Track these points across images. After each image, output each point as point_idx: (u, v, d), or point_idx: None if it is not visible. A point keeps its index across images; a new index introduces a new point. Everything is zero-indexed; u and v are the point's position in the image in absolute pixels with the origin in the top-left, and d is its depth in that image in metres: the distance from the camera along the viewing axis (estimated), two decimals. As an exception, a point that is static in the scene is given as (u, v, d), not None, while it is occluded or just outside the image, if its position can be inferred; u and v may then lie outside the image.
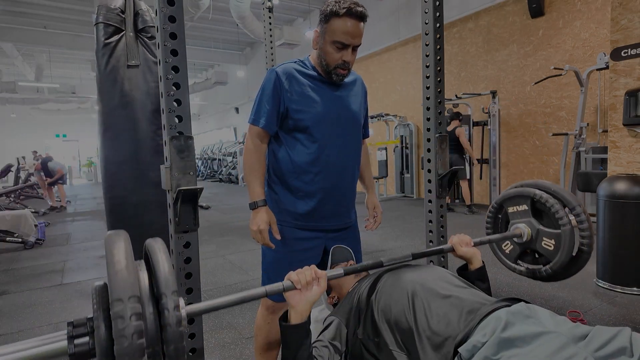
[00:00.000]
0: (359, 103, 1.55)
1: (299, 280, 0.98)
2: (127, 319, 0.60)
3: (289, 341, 0.99)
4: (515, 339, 0.86)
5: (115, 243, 0.69)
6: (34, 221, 5.00)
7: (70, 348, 0.69)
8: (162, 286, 0.68)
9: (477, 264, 1.28)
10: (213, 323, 2.50)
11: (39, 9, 10.02)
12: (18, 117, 20.21)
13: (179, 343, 0.66)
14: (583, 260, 1.34)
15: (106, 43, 1.82)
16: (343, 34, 1.31)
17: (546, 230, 1.35)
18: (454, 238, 1.31)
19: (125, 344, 0.60)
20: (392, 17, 8.60)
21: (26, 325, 2.58)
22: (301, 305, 0.98)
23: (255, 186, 1.41)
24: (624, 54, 3.08)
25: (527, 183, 1.43)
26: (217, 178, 15.92)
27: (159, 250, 0.74)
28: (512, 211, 1.45)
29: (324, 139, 1.42)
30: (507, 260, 1.48)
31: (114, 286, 0.63)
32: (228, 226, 5.96)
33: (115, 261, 0.66)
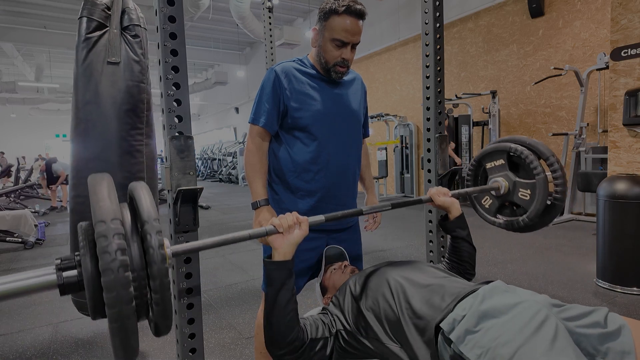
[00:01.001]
0: (359, 101, 1.55)
1: (281, 224, 1.02)
2: (110, 237, 0.62)
3: (272, 278, 1.04)
4: (493, 309, 0.90)
5: (99, 181, 0.72)
6: (34, 221, 5.00)
7: (59, 279, 0.71)
8: (145, 215, 0.70)
9: (456, 213, 1.35)
10: (213, 323, 2.50)
11: (39, 9, 10.02)
12: (18, 117, 20.21)
13: (164, 278, 0.68)
14: (557, 208, 1.39)
15: (87, 37, 1.79)
16: (342, 32, 1.32)
17: (522, 181, 1.42)
18: (432, 189, 1.37)
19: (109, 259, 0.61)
20: (392, 17, 8.60)
21: (26, 325, 2.58)
22: (284, 247, 1.03)
23: (257, 186, 1.41)
24: (624, 54, 3.08)
25: (503, 139, 1.49)
26: (217, 178, 15.92)
27: (141, 188, 0.76)
28: (490, 166, 1.51)
29: (323, 137, 1.43)
30: (486, 214, 1.54)
31: (97, 211, 0.65)
32: (228, 226, 5.96)
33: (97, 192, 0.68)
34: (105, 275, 0.61)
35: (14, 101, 15.98)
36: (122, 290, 0.61)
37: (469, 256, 1.33)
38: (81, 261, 0.68)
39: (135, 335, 0.65)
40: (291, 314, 1.03)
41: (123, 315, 0.62)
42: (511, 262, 3.54)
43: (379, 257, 3.92)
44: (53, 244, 5.00)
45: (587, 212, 5.27)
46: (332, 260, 1.43)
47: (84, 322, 2.60)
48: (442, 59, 1.74)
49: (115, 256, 0.61)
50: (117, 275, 0.61)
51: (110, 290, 0.61)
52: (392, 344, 1.04)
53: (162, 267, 0.68)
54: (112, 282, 0.61)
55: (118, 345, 0.64)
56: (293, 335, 1.02)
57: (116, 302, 0.61)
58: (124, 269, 0.62)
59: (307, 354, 1.06)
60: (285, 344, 1.02)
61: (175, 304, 1.22)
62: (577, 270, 3.24)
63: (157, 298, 0.68)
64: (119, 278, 0.61)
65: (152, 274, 0.67)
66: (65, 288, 0.71)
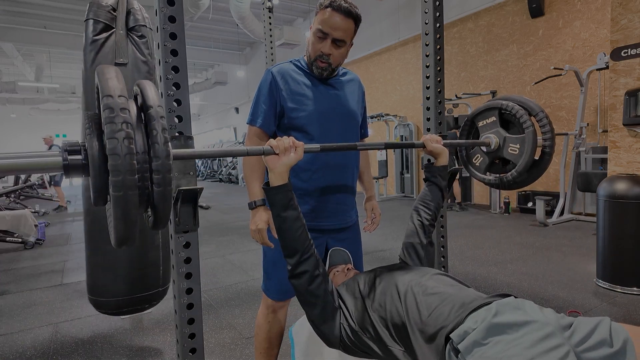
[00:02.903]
0: (356, 102, 1.55)
1: (278, 146, 1.07)
2: (117, 109, 0.63)
3: (276, 202, 1.10)
4: (504, 325, 0.90)
5: (108, 67, 0.72)
6: (34, 221, 5.00)
7: (63, 159, 0.72)
8: (150, 101, 0.71)
9: (443, 162, 1.41)
10: (213, 323, 2.50)
11: (39, 9, 10.01)
12: (18, 117, 20.20)
13: (167, 173, 0.70)
14: (545, 162, 1.44)
15: (94, 40, 1.80)
16: (323, 23, 1.34)
17: (512, 136, 1.47)
18: (426, 135, 1.43)
19: (115, 128, 0.62)
20: (392, 17, 8.60)
21: (26, 325, 2.58)
22: (279, 167, 1.08)
23: (254, 186, 1.42)
24: (624, 54, 3.08)
25: (496, 97, 1.54)
26: (217, 178, 15.92)
27: (147, 82, 0.77)
28: (482, 124, 1.56)
29: (320, 137, 1.43)
30: (477, 172, 1.59)
31: (104, 87, 0.66)
32: (228, 226, 5.96)
33: (106, 74, 0.69)
34: (112, 159, 0.62)
35: (14, 101, 15.97)
36: (128, 175, 0.63)
37: (436, 204, 1.39)
38: (86, 144, 0.69)
39: (136, 221, 0.67)
40: (301, 229, 1.10)
41: (127, 199, 0.63)
42: (511, 262, 3.54)
43: (379, 257, 3.92)
44: (53, 244, 5.00)
45: (587, 212, 5.27)
46: (335, 262, 1.43)
47: (84, 322, 2.60)
48: (442, 59, 1.74)
49: (122, 143, 0.62)
50: (124, 160, 0.63)
51: (117, 174, 0.62)
52: (396, 347, 1.03)
53: (166, 162, 0.70)
54: (119, 165, 0.62)
55: (120, 228, 0.65)
56: (306, 246, 1.10)
57: (122, 185, 0.63)
58: (130, 156, 0.63)
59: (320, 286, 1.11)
60: (299, 254, 1.10)
61: (175, 304, 1.22)
62: (577, 270, 3.24)
63: (158, 191, 0.70)
64: (126, 162, 0.63)
65: (157, 168, 0.69)
66: (70, 169, 0.72)
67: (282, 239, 1.11)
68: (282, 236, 1.11)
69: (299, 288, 1.12)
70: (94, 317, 2.65)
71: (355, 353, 1.13)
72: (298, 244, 1.10)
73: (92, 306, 2.05)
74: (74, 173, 0.73)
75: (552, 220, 5.06)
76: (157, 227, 0.76)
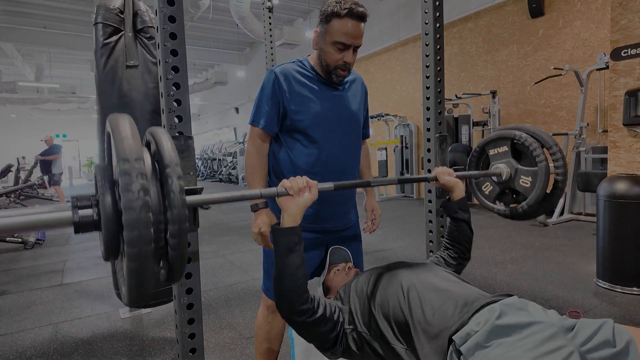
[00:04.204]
0: (359, 103, 1.55)
1: (292, 187, 1.04)
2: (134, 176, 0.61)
3: (281, 244, 1.04)
4: (507, 326, 0.90)
5: (120, 120, 0.70)
6: (34, 221, 5.00)
7: (75, 217, 0.69)
8: (166, 159, 0.69)
9: (460, 195, 1.36)
10: (213, 323, 2.50)
11: (39, 9, 10.01)
12: (18, 117, 20.18)
13: (182, 209, 0.68)
14: (556, 197, 1.41)
15: (105, 43, 1.81)
16: (344, 35, 1.30)
17: (524, 168, 1.44)
18: (438, 169, 1.38)
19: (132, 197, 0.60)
20: (392, 17, 8.60)
21: (26, 325, 2.58)
22: (293, 209, 1.04)
23: (257, 186, 1.42)
24: (624, 54, 3.08)
25: (508, 126, 1.51)
26: (217, 178, 15.92)
27: (162, 133, 0.75)
28: (493, 153, 1.53)
29: (323, 140, 1.43)
30: (486, 200, 1.56)
31: (120, 149, 0.63)
32: (228, 226, 5.96)
33: (121, 131, 0.66)
34: (127, 214, 0.60)
35: (14, 101, 15.96)
36: (144, 229, 0.61)
37: (467, 239, 1.34)
38: (99, 200, 0.67)
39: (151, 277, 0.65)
40: (301, 279, 1.04)
41: (143, 255, 0.61)
42: (511, 262, 3.54)
43: (379, 257, 3.92)
44: (53, 244, 5.00)
45: (587, 212, 5.27)
46: (336, 261, 1.43)
47: (84, 322, 2.60)
48: (442, 59, 1.74)
49: (138, 195, 0.60)
50: (140, 214, 0.60)
51: (132, 229, 0.60)
52: (399, 345, 1.03)
53: (182, 211, 0.68)
54: (134, 220, 0.60)
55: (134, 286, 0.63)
56: (302, 301, 1.03)
57: (137, 241, 0.60)
58: (146, 209, 0.61)
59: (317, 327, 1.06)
60: (296, 311, 1.02)
61: (175, 304, 1.22)
62: (577, 270, 3.24)
63: (174, 243, 0.68)
64: (141, 217, 0.60)
65: (172, 219, 0.67)
66: (81, 226, 0.70)
67: (278, 284, 1.04)
68: (279, 281, 1.03)
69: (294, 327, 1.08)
70: (94, 317, 2.65)
71: (359, 357, 1.13)
72: (294, 295, 1.02)
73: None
74: (84, 229, 0.70)
75: (552, 220, 5.06)
76: (172, 280, 0.74)
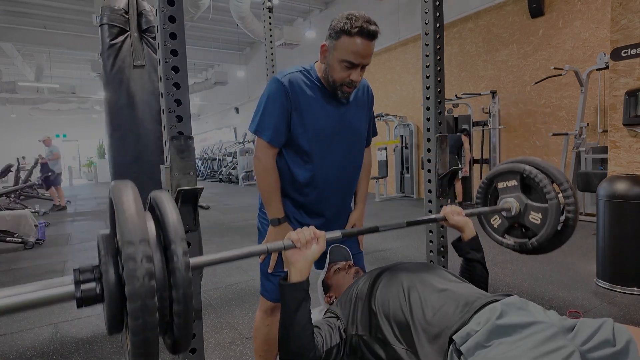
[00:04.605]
0: (364, 114, 1.52)
1: (299, 239, 1.00)
2: (139, 261, 0.60)
3: (288, 300, 1.02)
4: (507, 326, 0.90)
5: (124, 191, 0.69)
6: (34, 221, 5.00)
7: (77, 292, 0.68)
8: (171, 233, 0.69)
9: (470, 234, 1.33)
10: (213, 323, 2.50)
11: (39, 9, 10.01)
12: (18, 117, 20.18)
13: (187, 288, 0.67)
14: (567, 234, 1.38)
15: (111, 44, 1.82)
16: (353, 54, 1.26)
17: (534, 204, 1.40)
18: (447, 208, 1.34)
19: (137, 284, 0.59)
20: (392, 17, 8.60)
21: (26, 325, 2.58)
22: (301, 263, 1.01)
23: (273, 202, 1.41)
24: (624, 54, 3.08)
25: (517, 159, 1.48)
26: (217, 178, 15.92)
27: (167, 200, 0.74)
28: (502, 187, 1.49)
29: (322, 157, 1.41)
30: (495, 234, 1.52)
31: (125, 230, 0.62)
32: (228, 226, 5.96)
33: (125, 208, 0.65)
34: (132, 301, 0.59)
35: (14, 101, 15.96)
36: (149, 317, 0.60)
37: (482, 279, 1.30)
38: (102, 277, 0.66)
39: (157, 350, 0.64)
40: (309, 336, 1.02)
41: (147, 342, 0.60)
42: (511, 262, 3.54)
43: (379, 257, 3.92)
44: (53, 244, 5.00)
45: (587, 212, 5.27)
46: (335, 259, 1.43)
47: (84, 322, 2.60)
48: (442, 59, 1.74)
49: (143, 282, 0.59)
50: (145, 302, 0.60)
51: (137, 318, 0.59)
52: (399, 346, 1.03)
53: (188, 291, 0.67)
54: (139, 309, 0.59)
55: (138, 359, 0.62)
56: (310, 355, 1.01)
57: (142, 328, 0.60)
58: (151, 294, 0.60)
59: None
60: None
61: (176, 304, 1.22)
62: (577, 270, 3.24)
63: (179, 322, 0.67)
64: (147, 305, 0.60)
65: (177, 298, 0.67)
66: (84, 301, 0.69)
67: (285, 344, 1.00)
68: (286, 341, 1.00)
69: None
70: (94, 317, 2.65)
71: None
72: (301, 353, 1.00)
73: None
74: (87, 304, 0.69)
75: (552, 220, 5.05)
76: (177, 351, 0.72)
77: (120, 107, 1.83)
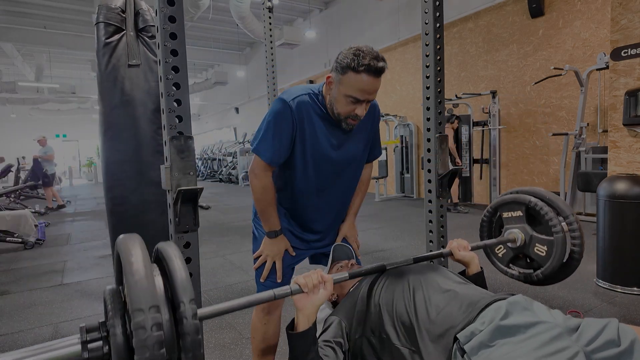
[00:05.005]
0: (366, 135, 1.51)
1: (306, 284, 0.99)
2: (149, 329, 0.59)
3: (296, 349, 1.00)
4: (512, 327, 0.90)
5: (132, 249, 0.68)
6: (34, 221, 5.00)
7: (84, 353, 0.67)
8: (181, 294, 0.68)
9: (475, 269, 1.31)
10: (213, 323, 2.50)
11: (39, 9, 10.01)
12: (18, 117, 20.18)
13: (197, 351, 0.66)
14: (573, 267, 1.39)
15: (107, 42, 1.81)
16: (359, 91, 1.25)
17: (539, 236, 1.40)
18: (453, 242, 1.34)
19: (147, 354, 0.59)
20: (392, 17, 8.60)
21: (26, 325, 2.58)
22: (308, 308, 1.00)
23: (271, 217, 1.43)
24: (624, 54, 3.08)
25: (522, 190, 1.47)
26: (217, 178, 15.92)
27: (175, 257, 0.73)
28: (507, 216, 1.49)
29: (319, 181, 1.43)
30: (499, 263, 1.52)
31: (134, 296, 0.62)
32: (228, 226, 5.96)
33: (134, 270, 0.64)
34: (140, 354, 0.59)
35: (14, 101, 15.96)
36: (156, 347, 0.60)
37: None
38: (110, 337, 0.66)
39: None
40: None
41: None
42: (511, 262, 3.54)
43: (379, 257, 3.92)
44: (53, 244, 5.00)
45: (587, 212, 5.27)
46: (338, 258, 1.43)
47: (84, 322, 2.59)
48: (442, 59, 1.74)
49: (153, 351, 0.59)
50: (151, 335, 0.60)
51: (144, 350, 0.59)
52: (403, 346, 1.03)
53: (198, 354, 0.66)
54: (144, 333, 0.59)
55: None
56: None
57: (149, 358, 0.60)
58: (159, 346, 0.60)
59: None
60: None
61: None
62: (577, 270, 3.23)
63: None
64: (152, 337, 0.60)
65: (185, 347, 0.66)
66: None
67: None
68: None
69: None
70: (94, 318, 2.65)
71: None
72: None
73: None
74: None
75: (552, 220, 5.05)
76: None
77: (114, 105, 1.82)
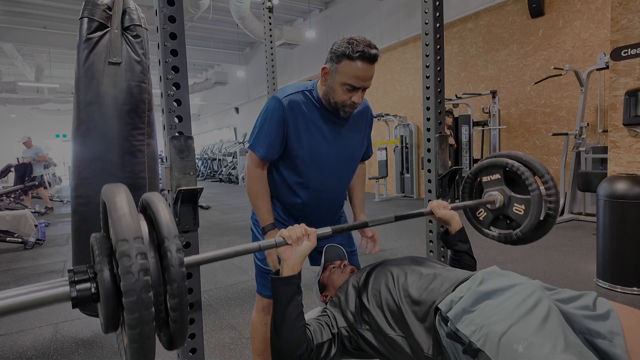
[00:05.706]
0: (361, 136, 1.54)
1: (290, 236, 1.03)
2: (133, 257, 0.61)
3: (280, 294, 1.03)
4: (490, 291, 0.94)
5: (116, 192, 0.70)
6: (34, 221, 5.00)
7: (72, 292, 0.69)
8: (164, 231, 0.70)
9: (457, 226, 1.38)
10: (213, 323, 2.50)
11: (39, 9, 10.01)
12: (18, 117, 20.19)
13: (181, 282, 0.68)
14: (549, 224, 1.43)
15: (88, 38, 1.79)
16: (354, 77, 1.28)
17: (517, 196, 1.45)
18: (433, 202, 1.39)
19: (132, 279, 0.60)
20: (392, 17, 8.60)
21: (26, 325, 2.58)
22: (293, 259, 1.03)
23: (263, 212, 1.44)
24: (624, 54, 3.08)
25: (500, 154, 1.52)
26: (217, 178, 15.92)
27: (159, 202, 0.76)
28: (486, 180, 1.54)
29: (312, 177, 1.44)
30: (480, 226, 1.57)
31: (119, 229, 0.64)
32: (228, 226, 5.96)
33: (118, 207, 0.67)
34: (128, 296, 0.60)
35: (14, 101, 15.97)
36: (144, 310, 0.61)
37: (470, 269, 1.33)
38: (98, 276, 0.67)
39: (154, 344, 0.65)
40: (300, 329, 1.02)
41: (144, 335, 0.61)
42: (511, 262, 3.54)
43: (379, 257, 3.92)
44: (53, 244, 5.00)
45: (587, 212, 5.27)
46: (330, 259, 1.44)
47: (84, 322, 2.60)
48: (442, 59, 1.74)
49: (138, 277, 0.61)
50: (140, 296, 0.61)
51: (133, 312, 0.61)
52: (394, 333, 1.05)
53: (182, 284, 0.68)
54: (135, 303, 0.61)
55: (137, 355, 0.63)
56: (301, 349, 1.02)
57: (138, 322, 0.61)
58: (146, 290, 0.62)
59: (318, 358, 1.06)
60: (294, 358, 1.01)
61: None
62: (577, 270, 3.24)
63: (174, 316, 0.68)
64: (142, 299, 0.61)
65: (172, 292, 0.68)
66: (79, 302, 0.70)
67: (277, 337, 1.01)
68: (278, 334, 1.01)
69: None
70: (94, 317, 2.65)
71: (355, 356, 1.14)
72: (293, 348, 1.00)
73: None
74: (83, 304, 0.70)
75: (552, 220, 5.05)
76: (174, 346, 0.73)
77: (88, 102, 1.76)
